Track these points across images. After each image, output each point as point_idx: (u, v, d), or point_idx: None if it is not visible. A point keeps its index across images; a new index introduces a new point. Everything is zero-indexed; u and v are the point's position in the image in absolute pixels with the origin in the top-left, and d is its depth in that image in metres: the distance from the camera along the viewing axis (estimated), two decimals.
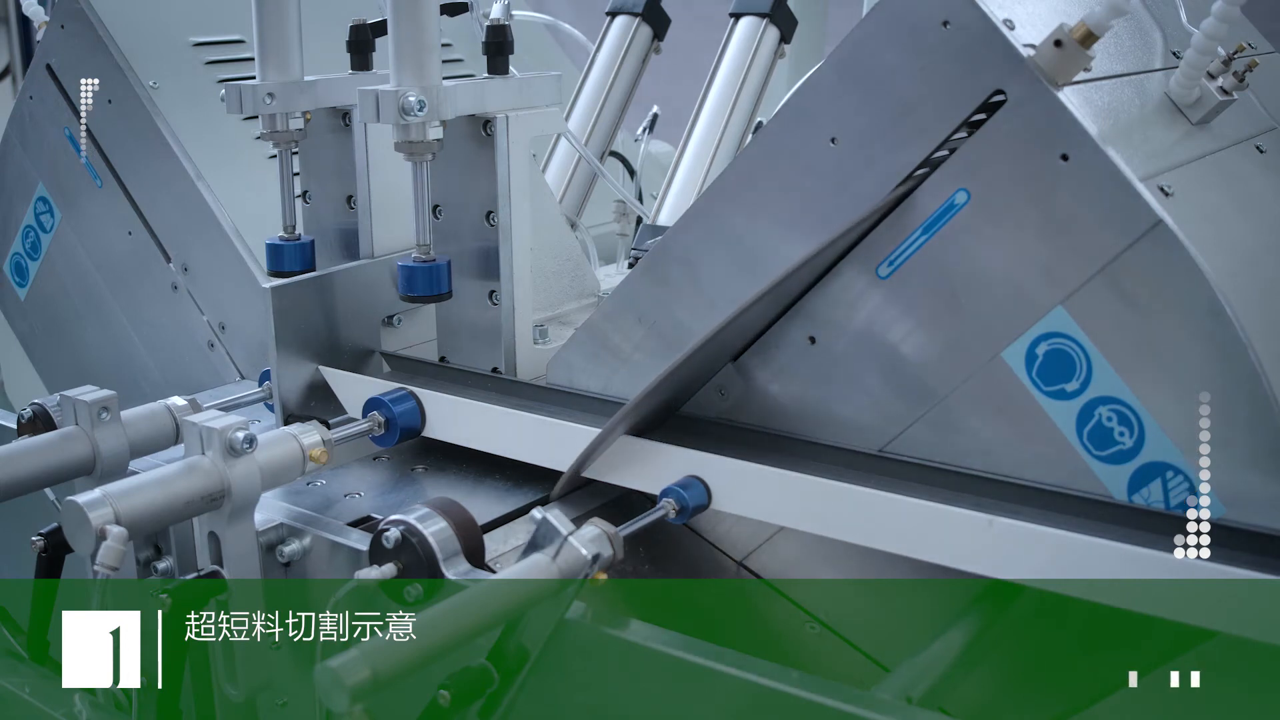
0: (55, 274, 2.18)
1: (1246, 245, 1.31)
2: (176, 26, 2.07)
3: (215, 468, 1.23)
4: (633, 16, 2.30)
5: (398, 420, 1.54)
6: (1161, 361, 1.17)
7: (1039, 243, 1.22)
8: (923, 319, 1.29)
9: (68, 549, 1.33)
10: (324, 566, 1.35)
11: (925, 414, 1.30)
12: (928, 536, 1.23)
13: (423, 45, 1.46)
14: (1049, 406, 1.23)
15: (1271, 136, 1.51)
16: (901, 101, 1.27)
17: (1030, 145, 1.21)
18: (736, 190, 1.39)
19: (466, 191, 1.62)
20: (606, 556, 1.12)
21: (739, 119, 2.13)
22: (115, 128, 2.00)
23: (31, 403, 1.48)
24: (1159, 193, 1.18)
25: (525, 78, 1.62)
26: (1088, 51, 1.19)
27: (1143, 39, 1.45)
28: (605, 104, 2.29)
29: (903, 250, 1.29)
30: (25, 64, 6.45)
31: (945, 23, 1.23)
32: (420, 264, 1.55)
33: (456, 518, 1.21)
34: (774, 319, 1.38)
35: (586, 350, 1.53)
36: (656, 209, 2.08)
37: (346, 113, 1.76)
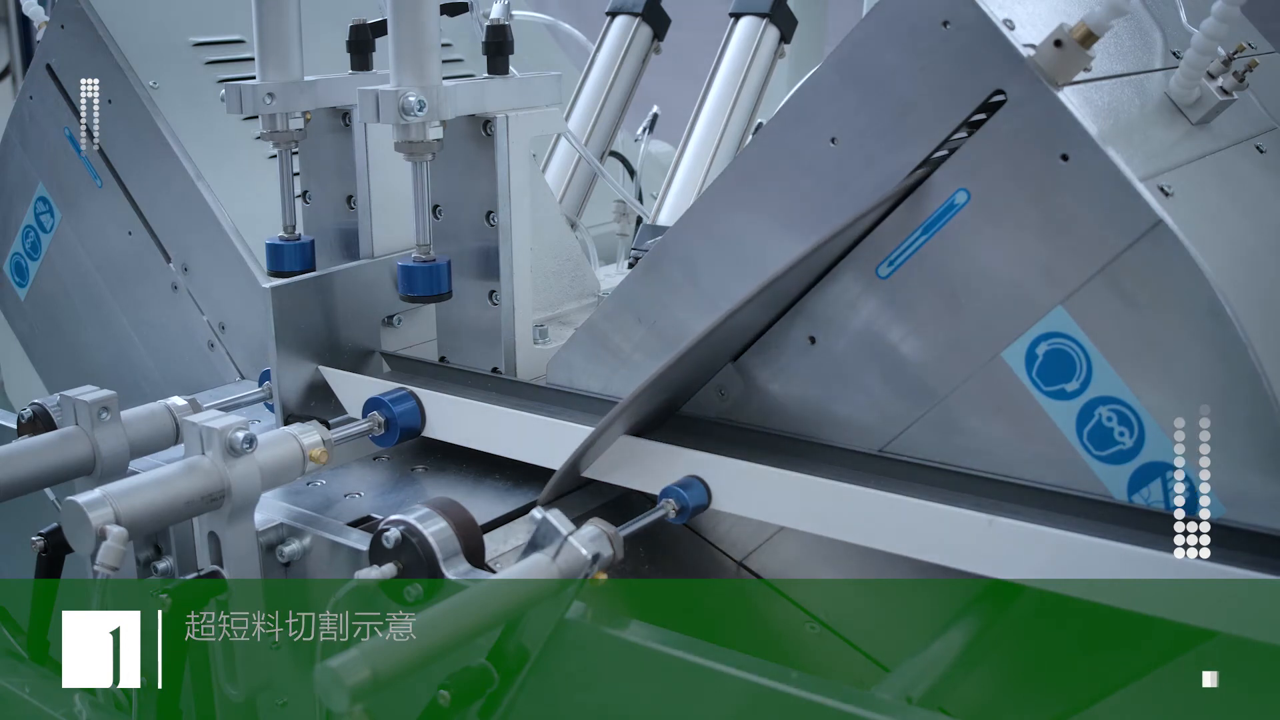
0: (55, 274, 2.18)
1: (1246, 245, 1.31)
2: (176, 26, 2.07)
3: (215, 468, 1.23)
4: (633, 16, 2.30)
5: (398, 420, 1.54)
6: (1161, 361, 1.17)
7: (1039, 243, 1.22)
8: (923, 319, 1.29)
9: (68, 549, 1.33)
10: (324, 566, 1.34)
11: (925, 414, 1.30)
12: (928, 536, 1.23)
13: (423, 45, 1.46)
14: (1049, 406, 1.23)
15: (1271, 136, 1.51)
16: (901, 101, 1.27)
17: (1030, 145, 1.21)
18: (736, 190, 1.39)
19: (466, 191, 1.62)
20: (606, 556, 1.12)
21: (739, 119, 2.12)
22: (115, 128, 2.00)
23: (31, 403, 1.48)
24: (1159, 193, 1.18)
25: (525, 78, 1.62)
26: (1088, 51, 1.19)
27: (1143, 39, 1.45)
28: (605, 104, 2.28)
29: (903, 250, 1.29)
30: (25, 64, 6.46)
31: (945, 23, 1.23)
32: (420, 264, 1.55)
33: (456, 518, 1.21)
34: (774, 319, 1.38)
35: (586, 350, 1.53)
36: (656, 209, 2.08)
37: (346, 113, 1.76)
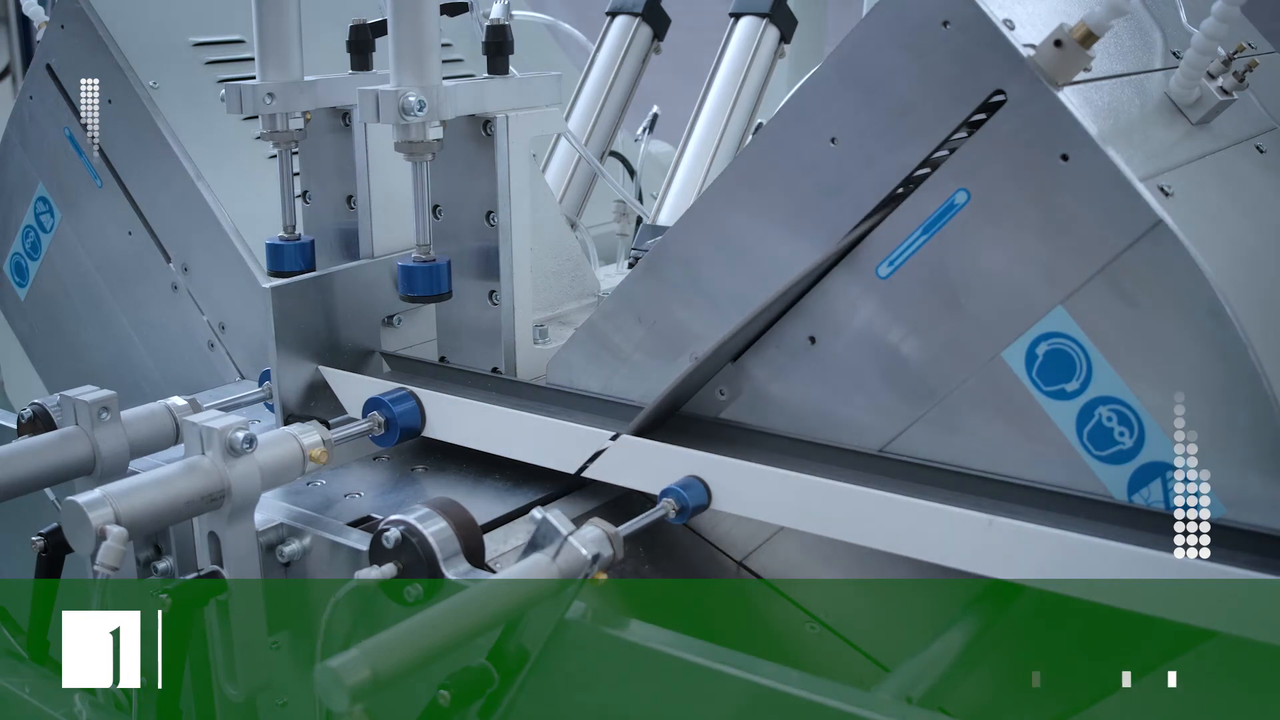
0: (55, 274, 2.18)
1: (1246, 245, 1.31)
2: (176, 26, 2.07)
3: (215, 468, 1.23)
4: (633, 16, 2.30)
5: (398, 420, 1.54)
6: (1162, 362, 1.17)
7: (1039, 243, 1.22)
8: (923, 319, 1.29)
9: (68, 549, 1.33)
10: (324, 566, 1.34)
11: (925, 414, 1.30)
12: (928, 536, 1.23)
13: (423, 45, 1.46)
14: (1049, 406, 1.23)
15: (1271, 136, 1.51)
16: (901, 101, 1.27)
17: (1030, 145, 1.21)
18: (736, 190, 1.39)
19: (466, 191, 1.62)
20: (606, 556, 1.12)
21: (739, 119, 2.12)
22: (115, 128, 2.00)
23: (31, 403, 1.48)
24: (1159, 193, 1.18)
25: (525, 78, 1.62)
26: (1088, 51, 1.19)
27: (1143, 39, 1.45)
28: (605, 104, 2.28)
29: (903, 250, 1.29)
30: (25, 64, 6.46)
31: (945, 23, 1.23)
32: (420, 264, 1.55)
33: (456, 518, 1.21)
34: (774, 319, 1.38)
35: (586, 350, 1.53)
36: (656, 209, 2.08)
37: (346, 113, 1.76)
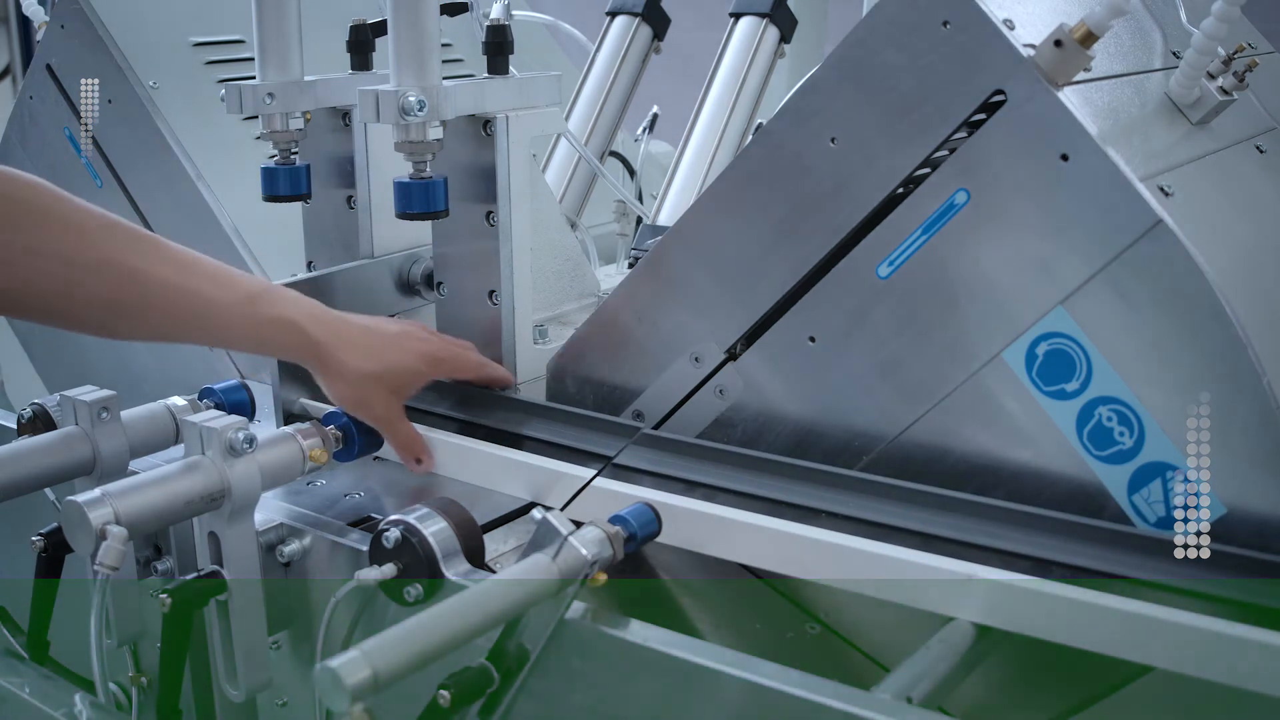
0: None
1: (1246, 245, 1.31)
2: (176, 26, 2.07)
3: (215, 468, 1.23)
4: (633, 16, 2.30)
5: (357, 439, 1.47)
6: (1161, 361, 1.17)
7: (1039, 243, 1.22)
8: (923, 319, 1.29)
9: (68, 549, 1.33)
10: (324, 566, 1.34)
11: (925, 414, 1.30)
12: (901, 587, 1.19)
13: (423, 45, 1.46)
14: (1049, 406, 1.23)
15: (1271, 136, 1.51)
16: (901, 101, 1.27)
17: (1030, 145, 1.21)
18: (736, 190, 1.39)
19: (466, 191, 1.62)
20: (607, 557, 1.12)
21: (739, 119, 2.12)
22: (115, 128, 2.00)
23: (31, 403, 1.48)
24: (1159, 193, 1.18)
25: (525, 78, 1.62)
26: (1088, 51, 1.19)
27: (1143, 39, 1.45)
28: (605, 104, 2.28)
29: (903, 250, 1.29)
30: (25, 64, 6.46)
31: (945, 23, 1.23)
32: (416, 180, 1.50)
33: (456, 518, 1.21)
34: (774, 319, 1.38)
35: (586, 350, 1.52)
36: (656, 209, 2.08)
37: (346, 113, 1.76)
